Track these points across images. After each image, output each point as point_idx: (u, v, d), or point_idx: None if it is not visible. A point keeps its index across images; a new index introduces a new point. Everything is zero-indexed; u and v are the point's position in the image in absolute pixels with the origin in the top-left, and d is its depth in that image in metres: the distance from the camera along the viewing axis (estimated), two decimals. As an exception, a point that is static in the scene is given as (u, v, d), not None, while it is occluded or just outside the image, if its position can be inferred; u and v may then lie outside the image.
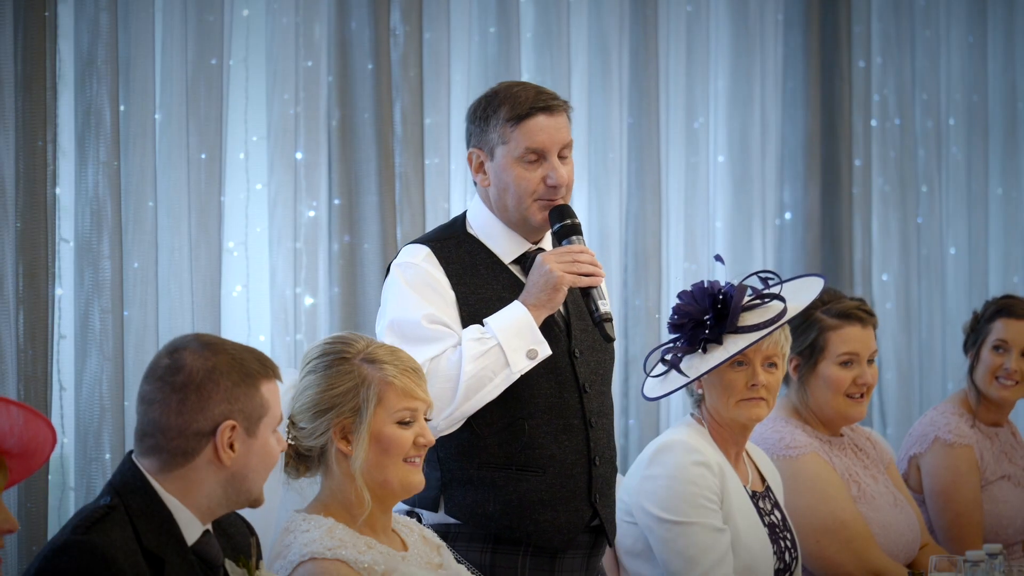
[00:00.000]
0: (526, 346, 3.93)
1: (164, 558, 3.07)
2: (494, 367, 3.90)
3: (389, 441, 3.56)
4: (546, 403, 4.01)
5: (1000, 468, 5.37)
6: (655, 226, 6.06)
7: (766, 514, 4.50)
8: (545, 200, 4.03)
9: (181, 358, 3.14)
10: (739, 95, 6.40)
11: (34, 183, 4.50)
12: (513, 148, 4.01)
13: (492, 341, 3.91)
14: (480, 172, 4.07)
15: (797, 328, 4.79)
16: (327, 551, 3.46)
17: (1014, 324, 5.39)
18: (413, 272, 4.00)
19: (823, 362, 4.86)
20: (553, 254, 3.98)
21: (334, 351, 3.60)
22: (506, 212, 4.06)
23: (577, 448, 4.04)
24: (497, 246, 4.08)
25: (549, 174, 4.01)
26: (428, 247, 4.04)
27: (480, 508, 4.00)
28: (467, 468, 4.00)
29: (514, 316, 3.94)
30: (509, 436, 3.99)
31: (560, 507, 4.01)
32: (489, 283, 4.03)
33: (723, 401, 4.42)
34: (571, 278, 3.95)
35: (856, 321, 4.86)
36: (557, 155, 4.03)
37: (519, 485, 3.99)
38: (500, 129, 4.02)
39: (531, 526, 3.99)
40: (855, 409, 4.88)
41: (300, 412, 3.59)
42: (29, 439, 2.92)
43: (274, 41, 5.18)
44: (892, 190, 6.88)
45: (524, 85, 4.10)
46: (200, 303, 4.91)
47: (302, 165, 5.20)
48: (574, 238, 4.02)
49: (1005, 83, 7.24)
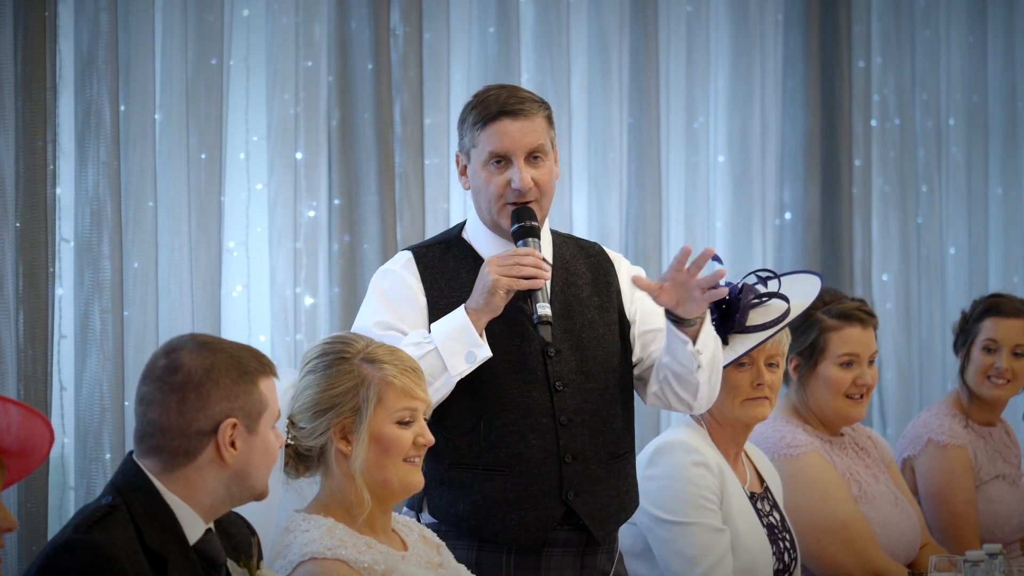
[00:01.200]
0: (464, 349, 3.93)
1: (166, 557, 3.07)
2: (432, 371, 3.90)
3: (389, 441, 3.56)
4: (512, 402, 4.02)
5: (994, 468, 5.37)
6: (655, 226, 6.06)
7: (765, 515, 4.50)
8: (513, 204, 4.03)
9: (179, 358, 3.13)
10: (739, 95, 6.40)
11: (34, 183, 4.50)
12: (480, 152, 4.04)
13: (430, 345, 3.93)
14: (463, 175, 4.11)
15: (797, 328, 4.79)
16: (327, 551, 3.46)
17: (1003, 323, 5.38)
18: (388, 279, 4.08)
19: (823, 363, 4.85)
20: (496, 258, 3.98)
21: (334, 351, 3.61)
22: (482, 214, 4.09)
23: (545, 446, 4.02)
24: (485, 250, 4.09)
25: (512, 178, 4.01)
26: (411, 252, 4.11)
27: (452, 508, 4.03)
28: (440, 469, 4.04)
29: (454, 321, 3.96)
30: (475, 436, 4.01)
31: (528, 505, 4.01)
32: (467, 288, 4.02)
33: (728, 401, 4.42)
34: (507, 281, 3.93)
35: (857, 322, 4.86)
36: (524, 159, 4.02)
37: (484, 484, 4.01)
38: (471, 133, 4.05)
39: (498, 525, 4.01)
40: (855, 410, 4.88)
41: (300, 412, 3.59)
42: (27, 437, 2.92)
43: (274, 41, 5.18)
44: (892, 190, 6.88)
45: (502, 88, 4.09)
46: (200, 303, 4.92)
47: (302, 165, 5.20)
48: (529, 240, 4.01)
49: (1005, 83, 7.24)
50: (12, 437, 2.90)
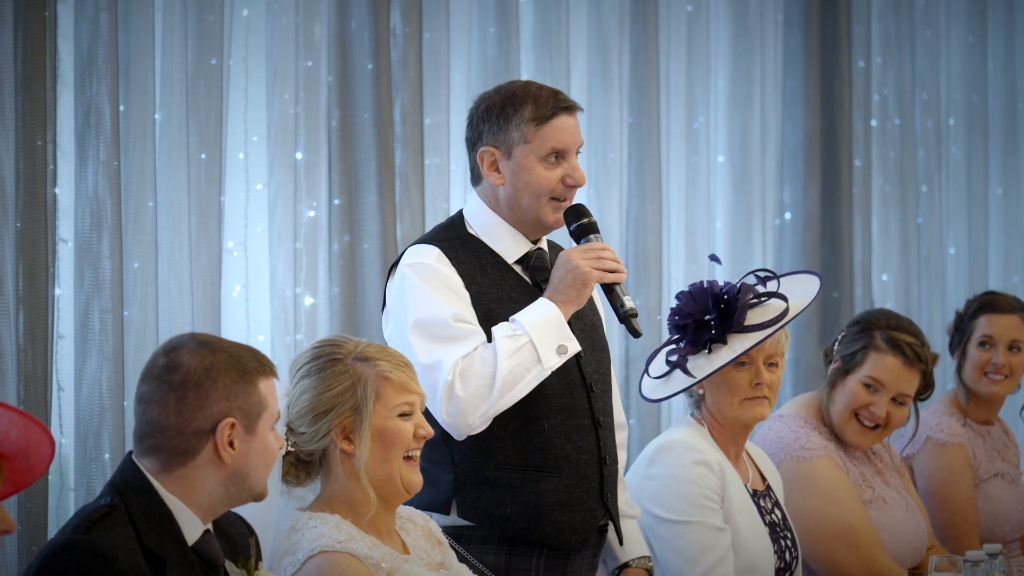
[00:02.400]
0: (556, 342, 3.91)
1: (165, 557, 3.07)
2: (527, 364, 3.88)
3: (393, 434, 3.57)
4: (559, 403, 4.00)
5: (993, 466, 5.37)
6: (655, 226, 6.06)
7: (767, 513, 4.49)
8: (559, 200, 4.03)
9: (178, 357, 3.13)
10: (739, 95, 6.40)
11: (34, 183, 4.50)
12: (537, 147, 4.00)
13: (524, 338, 3.89)
14: (493, 171, 4.04)
15: (854, 336, 4.79)
16: (337, 543, 3.46)
17: (998, 319, 5.39)
18: (429, 272, 3.97)
19: (852, 375, 4.83)
20: (577, 251, 3.98)
21: (324, 354, 3.60)
22: (518, 211, 4.04)
23: (589, 448, 4.03)
24: (500, 246, 4.06)
25: (569, 174, 4.02)
26: (437, 247, 4.01)
27: (497, 510, 3.97)
28: (483, 469, 3.97)
29: (544, 312, 3.92)
30: (524, 436, 3.97)
31: (576, 507, 4.00)
32: (498, 283, 4.01)
33: (727, 401, 4.42)
34: (598, 274, 3.95)
35: (901, 355, 4.81)
36: (574, 155, 4.04)
37: (536, 486, 3.97)
38: (523, 128, 4.00)
39: (549, 527, 3.98)
40: (859, 437, 4.83)
41: (299, 418, 3.58)
42: (27, 443, 2.92)
43: (274, 41, 5.18)
44: (892, 190, 6.88)
45: (539, 85, 4.09)
46: (200, 303, 4.91)
47: (302, 165, 5.20)
48: (592, 236, 4.03)
49: (1005, 83, 7.24)
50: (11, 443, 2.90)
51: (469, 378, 3.85)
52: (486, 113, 4.05)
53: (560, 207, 4.04)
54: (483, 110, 4.06)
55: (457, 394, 3.84)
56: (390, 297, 4.05)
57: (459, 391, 3.83)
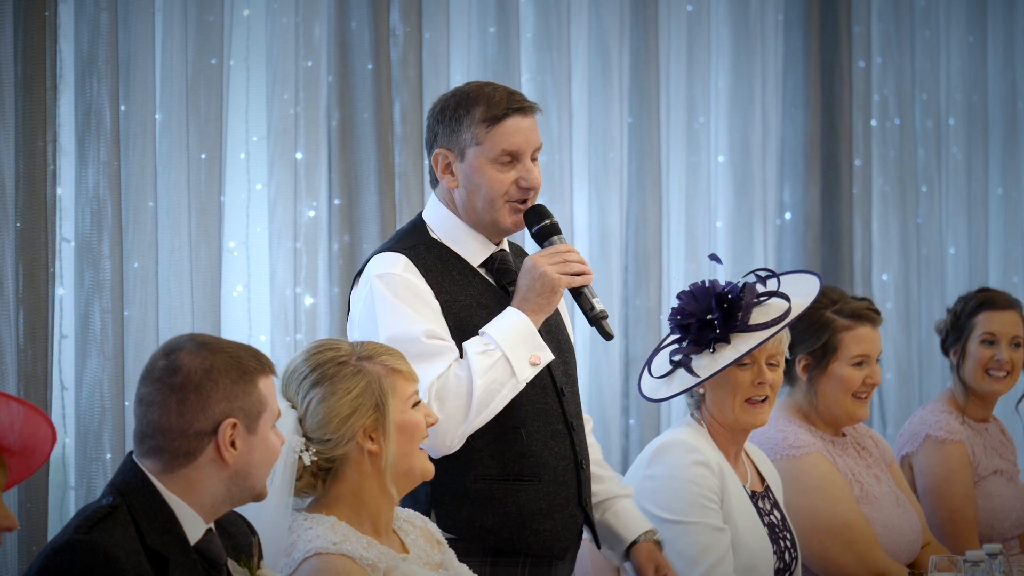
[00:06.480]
0: (529, 353, 3.86)
1: (167, 557, 3.07)
2: (501, 379, 3.83)
3: (413, 426, 3.57)
4: (533, 410, 3.96)
5: (991, 463, 5.38)
6: (655, 226, 6.07)
7: (766, 514, 4.50)
8: (516, 202, 3.96)
9: (178, 359, 3.13)
10: (739, 95, 6.40)
11: (34, 183, 4.50)
12: (488, 149, 3.92)
13: (497, 352, 3.84)
14: (447, 173, 3.97)
15: (808, 329, 4.79)
16: (332, 545, 3.45)
17: (998, 315, 5.40)
18: (397, 283, 3.90)
19: (836, 363, 4.84)
20: (543, 256, 3.91)
21: (327, 360, 3.57)
22: (474, 214, 3.97)
23: (565, 453, 3.99)
24: (464, 250, 3.99)
25: (523, 176, 3.94)
26: (405, 255, 3.94)
27: (478, 521, 3.93)
28: (462, 481, 3.92)
29: (514, 323, 3.87)
30: (503, 446, 3.93)
31: (557, 515, 3.97)
32: (466, 289, 3.96)
33: (729, 401, 4.42)
34: (567, 279, 3.89)
35: (867, 321, 4.87)
36: (531, 157, 3.97)
37: (517, 496, 3.93)
38: (474, 129, 3.93)
39: (531, 536, 3.95)
40: (862, 409, 4.88)
41: (320, 427, 3.54)
42: (29, 435, 2.91)
43: (274, 41, 5.18)
44: (892, 190, 6.88)
45: (494, 85, 4.01)
46: (200, 303, 4.91)
47: (302, 165, 5.20)
48: (555, 238, 3.97)
49: (1005, 83, 7.25)
50: (15, 436, 2.90)
51: (446, 399, 3.81)
52: (440, 114, 3.98)
53: (518, 209, 3.97)
54: (438, 111, 3.99)
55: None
56: (355, 307, 3.98)
57: (436, 413, 3.75)
